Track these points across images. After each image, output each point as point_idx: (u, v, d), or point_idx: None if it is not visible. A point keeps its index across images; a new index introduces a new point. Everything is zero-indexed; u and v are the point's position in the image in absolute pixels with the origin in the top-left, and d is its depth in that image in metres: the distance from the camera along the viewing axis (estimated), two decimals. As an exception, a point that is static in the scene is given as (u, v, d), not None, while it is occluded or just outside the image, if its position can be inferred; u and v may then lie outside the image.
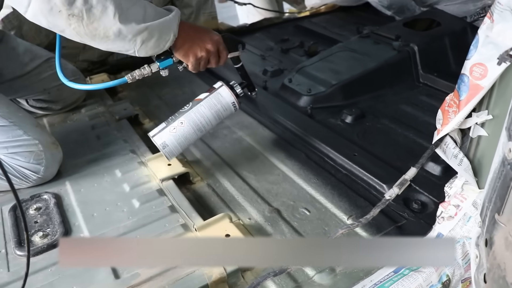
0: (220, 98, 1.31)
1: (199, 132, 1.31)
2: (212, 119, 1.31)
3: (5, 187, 1.29)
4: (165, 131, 1.29)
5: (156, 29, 1.12)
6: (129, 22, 1.07)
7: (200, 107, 1.30)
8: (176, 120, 1.30)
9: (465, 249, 1.02)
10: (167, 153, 1.28)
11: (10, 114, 1.29)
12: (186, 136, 1.29)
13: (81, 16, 1.03)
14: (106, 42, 1.10)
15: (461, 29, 1.87)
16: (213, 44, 1.26)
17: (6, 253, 1.10)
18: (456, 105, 0.97)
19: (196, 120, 1.29)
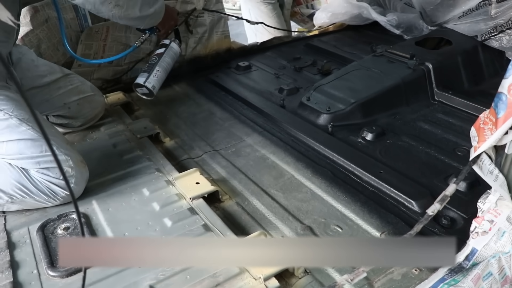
0: (173, 50, 1.89)
1: (167, 73, 1.88)
2: (171, 62, 1.89)
3: (31, 205, 1.28)
4: (151, 77, 1.80)
5: (157, 11, 1.68)
6: (149, 6, 1.62)
7: (165, 57, 1.86)
8: (154, 69, 1.81)
9: (501, 263, 1.03)
10: (155, 92, 1.81)
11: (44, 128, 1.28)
12: (162, 77, 1.84)
13: (123, 6, 1.52)
14: (128, 21, 1.63)
15: (472, 47, 1.91)
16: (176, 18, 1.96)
17: (39, 273, 1.08)
18: (492, 122, 0.99)
19: (165, 65, 1.85)
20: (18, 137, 1.25)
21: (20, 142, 1.25)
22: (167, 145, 1.65)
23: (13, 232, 1.21)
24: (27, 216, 1.27)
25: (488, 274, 1.01)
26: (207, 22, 2.19)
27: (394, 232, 1.17)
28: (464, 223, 1.20)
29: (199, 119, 1.80)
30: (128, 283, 1.03)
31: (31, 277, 1.07)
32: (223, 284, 1.01)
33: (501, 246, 1.04)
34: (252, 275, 1.02)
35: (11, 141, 1.24)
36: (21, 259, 1.12)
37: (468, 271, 1.02)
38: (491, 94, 1.81)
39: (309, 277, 1.06)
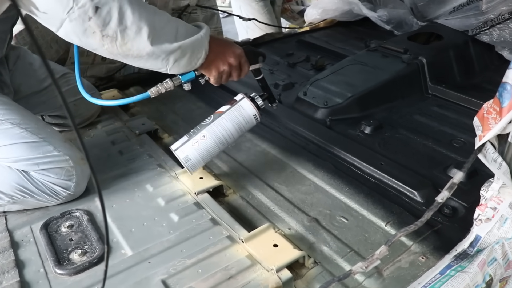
0: (241, 110, 1.31)
1: (221, 145, 1.31)
2: (234, 132, 1.31)
3: (33, 205, 1.26)
4: (187, 144, 1.29)
5: (189, 47, 1.14)
6: (162, 42, 1.09)
7: (222, 120, 1.30)
8: (198, 134, 1.30)
9: (504, 249, 1.05)
10: (189, 167, 1.29)
11: (39, 129, 1.27)
12: (208, 149, 1.29)
13: (115, 36, 1.04)
14: (139, 60, 1.12)
15: (463, 42, 1.95)
16: (236, 58, 1.27)
17: (46, 272, 1.07)
18: (496, 112, 1.01)
19: (218, 134, 1.29)
20: (12, 142, 1.22)
21: (15, 146, 1.22)
22: (166, 142, 1.64)
23: (16, 232, 1.19)
24: (29, 215, 1.25)
25: (493, 259, 1.04)
26: (200, 19, 2.19)
27: (399, 222, 1.19)
28: (466, 212, 1.23)
29: (197, 115, 1.79)
30: (140, 279, 1.02)
31: (38, 276, 1.05)
32: (236, 277, 1.01)
33: (504, 232, 1.07)
34: (264, 266, 1.03)
35: (6, 145, 1.22)
36: (26, 258, 1.11)
37: (473, 257, 1.05)
38: (482, 87, 1.87)
39: (319, 268, 1.07)
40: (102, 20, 1.01)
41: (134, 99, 1.25)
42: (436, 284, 0.99)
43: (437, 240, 1.14)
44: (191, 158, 1.28)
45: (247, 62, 1.31)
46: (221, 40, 1.32)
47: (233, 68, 1.28)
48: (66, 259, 1.09)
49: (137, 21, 1.05)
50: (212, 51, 1.21)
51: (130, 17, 1.04)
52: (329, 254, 1.11)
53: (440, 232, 1.17)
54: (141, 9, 1.06)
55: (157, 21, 1.08)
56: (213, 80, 1.28)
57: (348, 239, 1.15)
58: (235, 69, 1.29)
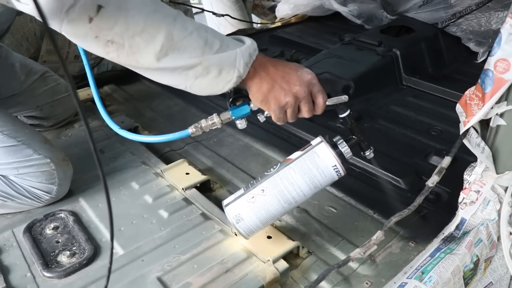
0: (316, 159, 1.00)
1: (286, 204, 1.00)
2: (305, 188, 0.99)
3: (15, 208, 1.22)
4: (241, 200, 1.01)
5: (215, 64, 0.88)
6: (177, 54, 0.86)
7: (288, 170, 1.00)
8: (256, 187, 1.00)
9: (488, 230, 1.10)
10: (242, 229, 1.00)
11: (17, 132, 1.21)
12: (268, 208, 0.99)
13: (122, 43, 0.83)
14: (152, 73, 0.90)
15: (433, 34, 2.01)
16: (303, 86, 0.97)
17: (33, 276, 1.03)
18: (478, 98, 1.05)
19: (283, 188, 0.98)
20: None
21: None
22: (147, 139, 1.61)
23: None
24: (10, 218, 1.21)
25: (479, 240, 1.07)
26: (173, 15, 2.16)
27: (387, 209, 1.21)
28: (449, 197, 1.27)
29: (175, 112, 1.77)
30: (134, 277, 1.00)
31: (25, 281, 1.02)
32: (233, 270, 1.01)
33: (487, 214, 1.11)
34: (260, 258, 1.03)
35: None
36: (10, 263, 1.06)
37: (460, 239, 1.08)
38: (453, 77, 1.93)
39: (313, 257, 1.08)
40: (106, 23, 0.81)
41: (172, 137, 1.02)
42: (428, 267, 1.02)
43: (425, 225, 1.18)
44: (243, 218, 0.99)
45: (323, 92, 1.01)
46: (283, 63, 1.00)
47: (301, 100, 0.98)
48: (54, 261, 1.06)
49: (149, 27, 0.83)
50: (268, 76, 0.95)
51: (141, 22, 0.82)
52: (321, 244, 1.12)
53: (426, 217, 1.21)
54: (156, 13, 0.84)
55: (177, 29, 0.85)
56: (275, 117, 1.00)
57: (339, 228, 1.17)
58: (305, 102, 0.99)
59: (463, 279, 1.04)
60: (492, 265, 1.13)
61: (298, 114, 1.01)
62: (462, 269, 1.03)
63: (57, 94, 1.56)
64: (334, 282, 1.01)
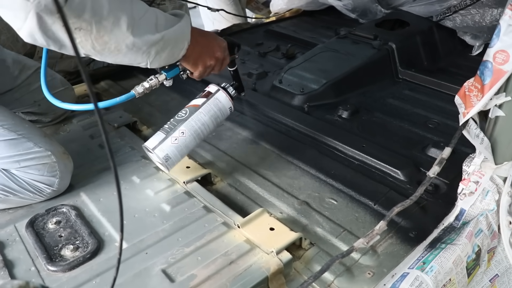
0: (217, 103, 1.28)
1: (199, 140, 1.27)
2: (211, 125, 1.28)
3: (16, 203, 1.22)
4: (166, 142, 1.22)
5: (171, 38, 1.04)
6: (143, 33, 0.98)
7: (199, 114, 1.26)
8: (176, 130, 1.23)
9: (488, 220, 1.11)
10: (169, 165, 1.23)
11: (16, 126, 1.21)
12: (187, 145, 1.24)
13: (89, 29, 0.91)
14: (116, 55, 0.99)
15: (428, 28, 2.02)
16: (222, 52, 1.22)
17: (38, 270, 1.03)
18: (477, 89, 1.07)
19: (197, 128, 1.25)
20: None
21: None
22: (145, 134, 1.61)
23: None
24: (11, 213, 1.20)
25: (479, 231, 1.09)
26: (169, 9, 2.15)
27: (387, 200, 1.22)
28: (447, 188, 1.28)
29: (172, 107, 1.76)
30: (139, 270, 1.01)
31: (30, 275, 1.02)
32: (237, 261, 1.01)
33: (486, 205, 1.12)
34: (263, 250, 1.04)
35: None
36: (14, 257, 1.06)
37: (460, 230, 1.10)
38: (448, 70, 1.95)
39: (315, 248, 1.10)
40: (74, 11, 0.87)
41: (118, 100, 1.17)
42: (429, 257, 1.03)
43: (424, 216, 1.19)
44: (171, 156, 1.21)
45: (229, 54, 1.28)
46: (205, 32, 1.24)
47: (218, 61, 1.22)
48: (57, 255, 1.06)
49: (114, 10, 0.92)
50: (198, 44, 1.13)
51: (106, 6, 0.91)
52: (323, 235, 1.14)
53: (426, 208, 1.22)
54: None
55: (135, 10, 0.97)
56: (197, 75, 1.22)
57: (340, 220, 1.18)
58: (219, 63, 1.24)
59: (466, 269, 1.05)
60: (496, 257, 1.14)
61: (212, 71, 1.25)
62: (464, 259, 1.04)
63: (53, 88, 1.54)
64: (337, 273, 1.02)
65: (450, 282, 1.02)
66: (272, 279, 0.98)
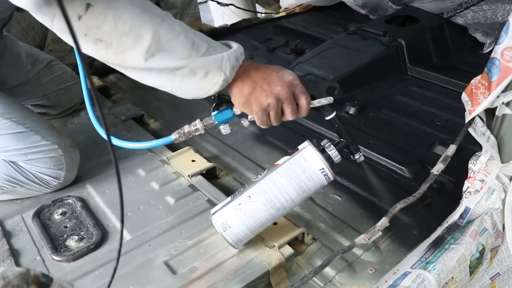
0: (303, 163, 0.98)
1: (273, 210, 0.97)
2: (293, 193, 0.97)
3: (23, 194, 1.23)
4: (228, 207, 0.99)
5: (201, 66, 0.89)
6: (164, 56, 0.87)
7: (275, 175, 0.97)
8: (243, 194, 0.98)
9: (493, 219, 1.10)
10: (229, 237, 0.98)
11: (24, 119, 1.23)
12: (255, 215, 0.97)
13: (110, 42, 0.84)
14: (139, 73, 0.91)
15: (439, 24, 2.00)
16: (285, 87, 0.95)
17: (43, 260, 1.05)
18: (484, 86, 1.06)
19: (270, 194, 0.96)
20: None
21: (0, 138, 1.19)
22: (153, 127, 1.62)
23: (6, 221, 1.16)
24: (19, 204, 1.22)
25: (484, 230, 1.08)
26: (178, 4, 2.17)
27: (391, 197, 1.21)
28: (453, 186, 1.28)
29: (180, 101, 1.74)
30: (141, 261, 1.02)
31: (35, 264, 1.04)
32: (239, 255, 1.02)
33: (492, 203, 1.12)
34: (265, 244, 1.04)
35: None
36: (20, 247, 1.08)
37: (464, 228, 1.09)
38: (458, 68, 1.93)
39: (318, 243, 1.10)
40: (94, 21, 0.82)
41: (155, 143, 1.05)
42: (433, 259, 1.02)
43: (429, 214, 1.19)
44: (230, 226, 0.97)
45: (306, 94, 0.99)
46: (264, 66, 0.98)
47: (283, 101, 0.96)
48: (62, 246, 1.08)
49: (137, 28, 0.84)
50: (250, 79, 0.94)
51: (129, 22, 0.84)
52: (326, 230, 1.14)
53: (430, 206, 1.21)
54: (145, 13, 0.85)
55: (164, 31, 0.86)
56: (258, 120, 0.99)
57: (344, 215, 1.18)
58: (288, 103, 0.97)
59: (468, 268, 1.04)
60: (499, 255, 1.13)
61: (282, 117, 1.00)
62: (468, 258, 1.03)
63: (63, 82, 1.57)
64: (339, 268, 1.02)
65: (452, 280, 1.01)
66: (274, 273, 0.98)
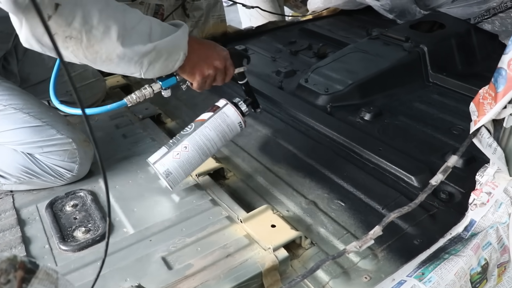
0: (225, 117, 1.23)
1: (204, 156, 1.22)
2: (218, 141, 1.22)
3: (39, 185, 1.30)
4: (167, 157, 1.18)
5: (165, 48, 1.03)
6: (134, 43, 0.97)
7: (204, 129, 1.20)
8: (179, 144, 1.19)
9: (499, 233, 1.08)
10: (170, 182, 1.18)
11: (41, 114, 1.29)
12: (190, 161, 1.19)
13: (80, 38, 0.92)
14: (108, 65, 1.01)
15: (465, 31, 1.95)
16: (221, 61, 1.18)
17: (51, 248, 1.11)
18: (491, 97, 1.03)
19: (201, 143, 1.19)
20: (16, 126, 1.25)
21: (19, 131, 1.25)
22: (169, 126, 1.67)
23: (22, 210, 1.23)
24: (35, 194, 1.29)
25: (487, 243, 1.05)
26: (203, 6, 2.20)
27: (395, 205, 1.20)
28: (462, 198, 1.25)
29: (199, 101, 1.81)
30: (141, 256, 1.06)
31: (43, 252, 1.09)
32: (234, 255, 1.04)
33: (499, 217, 1.09)
34: (261, 246, 1.06)
35: (11, 130, 1.25)
36: (32, 235, 1.15)
37: (467, 241, 1.07)
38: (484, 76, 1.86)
39: (315, 248, 1.10)
40: (64, 20, 0.88)
41: (109, 107, 1.14)
42: (430, 267, 1.01)
43: (432, 224, 1.16)
44: (172, 171, 1.17)
45: (233, 65, 1.23)
46: (204, 41, 1.20)
47: (218, 71, 1.19)
48: (70, 236, 1.13)
49: (104, 20, 0.92)
50: (195, 52, 1.12)
51: (97, 15, 0.91)
52: (325, 236, 1.14)
53: (435, 216, 1.19)
54: (108, 6, 0.94)
55: (127, 20, 0.97)
56: (196, 86, 1.19)
57: (345, 222, 1.18)
58: (220, 73, 1.20)
59: (470, 283, 1.02)
60: (509, 272, 1.10)
61: (214, 83, 1.22)
62: (468, 272, 1.01)
63: (85, 79, 1.63)
64: (333, 274, 1.02)
65: (454, 295, 1.00)
66: (267, 275, 1.00)
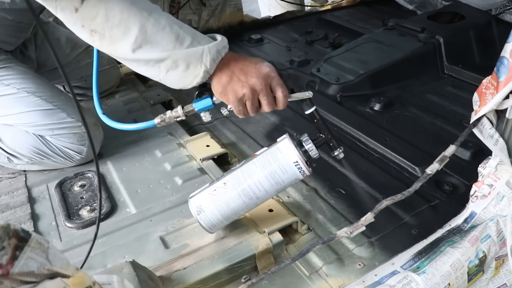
0: (278, 154, 0.97)
1: (246, 198, 0.98)
2: (266, 183, 0.97)
3: (50, 166, 1.35)
4: (204, 192, 1.02)
5: (182, 58, 0.95)
6: (150, 48, 0.93)
7: (251, 165, 0.98)
8: (220, 180, 1.01)
9: (499, 226, 1.06)
10: (202, 220, 1.00)
11: (53, 97, 1.34)
12: (228, 201, 0.98)
13: (103, 33, 0.93)
14: (130, 65, 1.00)
15: (486, 22, 1.90)
16: (260, 78, 0.96)
17: (57, 225, 1.15)
18: (494, 87, 1.01)
19: (243, 182, 0.97)
20: (28, 109, 1.30)
21: (31, 113, 1.30)
22: (180, 112, 1.69)
23: (33, 189, 1.29)
24: (46, 174, 1.35)
25: (487, 236, 1.04)
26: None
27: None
28: (466, 190, 1.23)
29: (211, 89, 1.83)
30: (140, 234, 1.09)
31: (50, 228, 1.14)
32: (229, 237, 1.06)
33: (500, 210, 1.07)
34: (257, 229, 1.08)
35: (23, 113, 1.30)
36: (40, 212, 1.20)
37: (465, 233, 1.06)
38: (502, 68, 1.82)
39: (311, 234, 1.11)
40: (89, 13, 0.91)
41: (139, 126, 1.09)
42: (425, 261, 1.01)
43: (433, 215, 1.16)
44: (204, 210, 0.99)
45: (283, 86, 1.00)
46: (243, 57, 1.01)
47: (259, 92, 0.97)
48: (76, 214, 1.17)
49: (125, 20, 0.91)
50: (228, 69, 0.97)
51: (118, 15, 0.91)
52: (323, 222, 1.15)
53: (436, 207, 1.18)
54: (132, 6, 0.92)
55: (150, 23, 0.93)
56: (235, 109, 1.01)
57: (344, 209, 1.18)
58: (264, 95, 0.98)
59: (467, 275, 1.01)
60: (507, 266, 1.09)
61: (259, 108, 1.02)
62: (465, 264, 1.00)
63: (100, 66, 1.66)
64: (327, 260, 1.03)
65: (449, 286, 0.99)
66: (260, 258, 1.02)
